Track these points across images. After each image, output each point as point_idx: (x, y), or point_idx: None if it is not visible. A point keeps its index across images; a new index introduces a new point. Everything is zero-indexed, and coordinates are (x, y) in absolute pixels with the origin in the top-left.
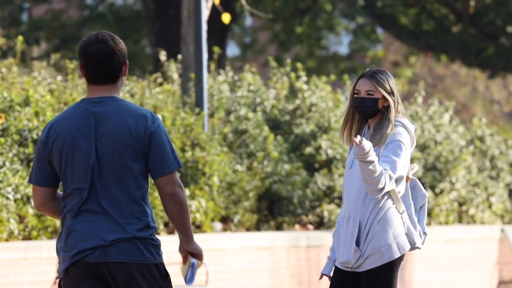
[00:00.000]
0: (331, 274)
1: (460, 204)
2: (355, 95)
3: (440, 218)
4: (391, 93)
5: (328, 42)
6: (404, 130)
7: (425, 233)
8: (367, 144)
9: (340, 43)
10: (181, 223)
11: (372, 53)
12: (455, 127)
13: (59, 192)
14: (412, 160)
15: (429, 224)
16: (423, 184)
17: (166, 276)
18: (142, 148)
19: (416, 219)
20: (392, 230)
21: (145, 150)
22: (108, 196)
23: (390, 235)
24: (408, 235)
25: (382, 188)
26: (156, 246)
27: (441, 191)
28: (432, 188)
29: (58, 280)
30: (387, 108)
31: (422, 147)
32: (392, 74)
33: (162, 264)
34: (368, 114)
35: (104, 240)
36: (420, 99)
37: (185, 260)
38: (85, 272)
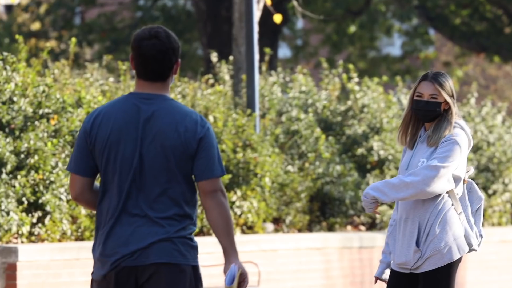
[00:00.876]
0: (383, 277)
1: None
2: (416, 98)
3: (493, 219)
4: (452, 96)
5: (380, 43)
6: (462, 131)
7: (481, 235)
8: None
9: (392, 45)
10: (224, 231)
11: (424, 54)
12: (508, 128)
13: (96, 183)
14: (466, 162)
15: (482, 225)
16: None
17: (200, 279)
18: (190, 151)
19: (472, 221)
20: (452, 231)
21: (192, 153)
22: (148, 198)
23: (450, 237)
24: (466, 237)
25: (432, 186)
26: (194, 247)
27: (494, 192)
28: (485, 189)
29: (92, 279)
30: (447, 110)
31: (475, 148)
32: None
33: (198, 267)
34: (431, 118)
35: (144, 243)
36: (473, 100)
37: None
38: (122, 277)
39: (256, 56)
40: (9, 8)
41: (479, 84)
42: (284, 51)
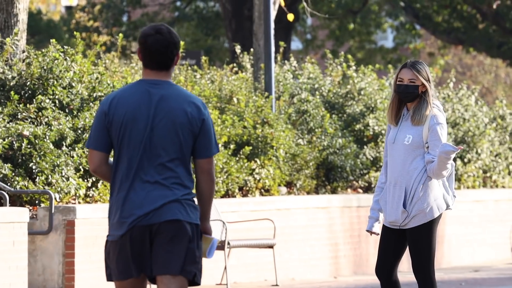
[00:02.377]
0: (373, 230)
1: (485, 171)
2: (398, 83)
3: (467, 183)
4: (428, 80)
5: (376, 37)
6: (439, 112)
7: (454, 196)
8: (454, 153)
9: (386, 38)
10: (208, 201)
11: (413, 45)
12: (480, 107)
13: (110, 158)
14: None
15: (458, 188)
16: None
17: (200, 235)
18: (194, 130)
19: (447, 184)
20: (432, 194)
21: (196, 132)
22: (158, 166)
23: (431, 198)
24: (443, 198)
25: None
26: (197, 208)
27: (469, 161)
28: (461, 158)
29: (107, 241)
30: (425, 92)
31: (453, 124)
32: (426, 64)
33: (199, 225)
34: (410, 99)
35: (156, 204)
36: (451, 85)
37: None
38: (138, 236)
39: (273, 48)
40: (69, 8)
41: (457, 71)
42: (296, 44)
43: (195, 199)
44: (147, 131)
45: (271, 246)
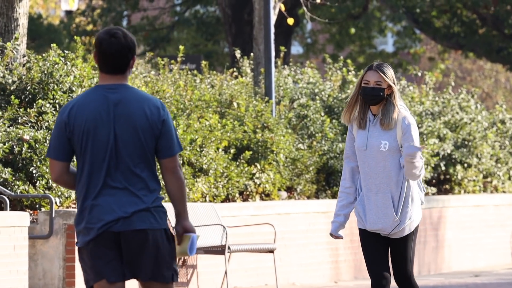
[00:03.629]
0: (339, 233)
1: (485, 176)
2: (364, 85)
3: (468, 188)
4: (393, 82)
5: (376, 41)
6: (407, 112)
7: (424, 190)
8: (419, 152)
9: (386, 43)
10: (180, 200)
11: (414, 50)
12: (480, 111)
13: (72, 167)
14: (444, 140)
15: (459, 192)
16: (454, 159)
17: (173, 239)
18: (155, 132)
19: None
20: (415, 201)
21: (157, 133)
22: (125, 172)
23: (416, 207)
24: (420, 198)
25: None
26: (165, 213)
27: (469, 165)
28: (461, 162)
29: (79, 248)
30: (390, 95)
31: (453, 128)
32: (427, 68)
33: (168, 228)
34: (376, 101)
35: (126, 212)
36: (450, 89)
37: (180, 235)
38: (107, 241)
39: (273, 53)
40: (68, 12)
41: (457, 76)
42: (296, 48)
43: (163, 203)
44: (111, 138)
45: (271, 251)
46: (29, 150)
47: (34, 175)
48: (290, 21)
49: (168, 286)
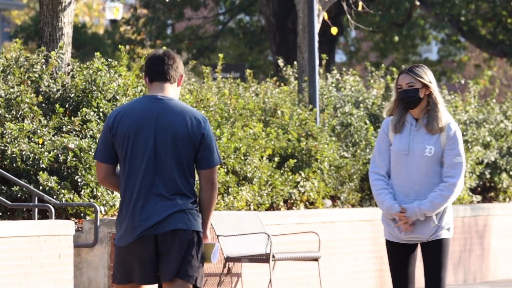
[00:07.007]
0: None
1: None
2: (398, 90)
3: None
4: (430, 82)
5: (420, 49)
6: (452, 119)
7: None
8: (416, 212)
9: (430, 51)
10: (208, 207)
11: (458, 58)
12: None
13: (117, 169)
14: (488, 147)
15: (504, 200)
16: (499, 167)
17: (201, 241)
18: (194, 143)
19: None
20: (450, 206)
21: (196, 145)
22: (161, 179)
23: (451, 210)
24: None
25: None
26: (199, 216)
27: None
28: (507, 171)
29: (116, 246)
30: (430, 95)
31: (498, 136)
32: (472, 76)
33: (201, 232)
34: (413, 104)
35: (161, 216)
36: (495, 96)
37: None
38: (144, 242)
39: (316, 61)
40: (113, 21)
41: (502, 83)
42: (340, 56)
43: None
44: (150, 144)
45: (316, 259)
46: (74, 159)
47: (79, 183)
48: (334, 30)
49: (188, 287)
